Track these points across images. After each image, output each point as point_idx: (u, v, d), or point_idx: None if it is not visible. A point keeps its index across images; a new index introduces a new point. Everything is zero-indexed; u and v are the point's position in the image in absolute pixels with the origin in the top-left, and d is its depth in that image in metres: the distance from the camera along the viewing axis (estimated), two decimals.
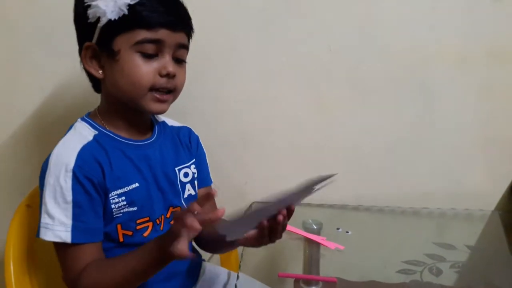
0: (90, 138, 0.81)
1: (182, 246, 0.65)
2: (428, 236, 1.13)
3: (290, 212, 0.75)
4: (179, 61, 0.83)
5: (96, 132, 0.82)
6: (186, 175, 0.91)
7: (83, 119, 0.85)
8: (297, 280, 0.93)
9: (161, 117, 0.96)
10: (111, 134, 0.83)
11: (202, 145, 0.99)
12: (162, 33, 0.78)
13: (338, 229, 1.12)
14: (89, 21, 0.76)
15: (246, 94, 1.18)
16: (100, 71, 0.80)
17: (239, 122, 1.21)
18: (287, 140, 1.22)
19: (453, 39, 1.12)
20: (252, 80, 1.17)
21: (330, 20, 1.12)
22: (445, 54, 1.13)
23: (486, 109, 1.17)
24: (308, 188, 0.73)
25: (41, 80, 1.15)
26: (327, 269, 0.97)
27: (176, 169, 0.90)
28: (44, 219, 0.76)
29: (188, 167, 0.92)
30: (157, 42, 0.78)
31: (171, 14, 0.79)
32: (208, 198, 0.68)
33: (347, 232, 1.11)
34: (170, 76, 0.79)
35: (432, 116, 1.18)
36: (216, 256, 1.14)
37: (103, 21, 0.75)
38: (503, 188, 1.21)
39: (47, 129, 1.16)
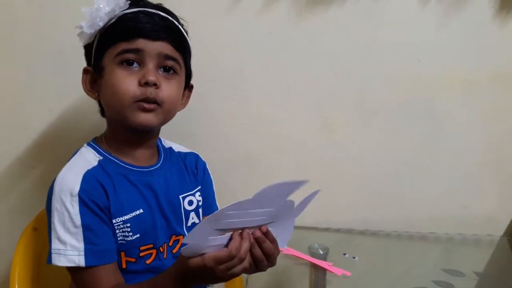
0: (95, 163, 0.81)
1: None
2: (436, 262, 1.11)
3: (267, 236, 0.71)
4: (168, 72, 0.82)
5: (101, 158, 0.82)
6: (190, 203, 0.91)
7: (89, 144, 0.85)
8: None
9: (168, 143, 0.96)
10: (116, 160, 0.83)
11: (209, 171, 0.99)
12: (139, 43, 0.78)
13: (344, 254, 1.11)
14: (83, 45, 0.82)
15: (253, 116, 1.18)
16: (96, 94, 0.82)
17: (245, 144, 1.21)
18: (293, 162, 1.21)
19: (459, 62, 1.12)
20: (258, 102, 1.17)
21: (336, 44, 1.12)
22: (451, 77, 1.13)
23: (493, 132, 1.16)
24: (279, 201, 0.68)
25: (50, 101, 1.16)
26: None
27: (180, 197, 0.89)
28: (56, 245, 0.76)
29: (193, 194, 0.92)
30: (136, 52, 0.78)
31: (148, 23, 0.79)
32: None
33: (354, 257, 1.09)
34: (149, 84, 0.78)
35: (439, 140, 1.17)
36: None
37: (84, 39, 0.80)
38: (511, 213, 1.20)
39: (55, 150, 1.17)
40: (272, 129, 1.19)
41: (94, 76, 0.82)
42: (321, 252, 1.05)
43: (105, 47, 0.79)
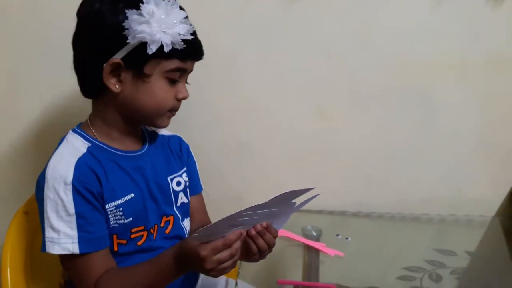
0: (84, 150, 0.81)
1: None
2: (428, 242, 1.12)
3: (270, 231, 0.79)
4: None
5: (89, 144, 0.83)
6: (178, 183, 0.92)
7: (74, 131, 0.85)
8: (296, 287, 0.93)
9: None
10: (104, 146, 0.84)
11: (193, 154, 1.01)
12: (188, 63, 0.83)
13: (337, 235, 1.11)
14: (127, 41, 0.76)
15: (245, 102, 1.18)
16: (117, 86, 0.80)
17: (237, 130, 1.21)
18: (287, 148, 1.22)
19: (453, 46, 1.12)
20: (250, 87, 1.17)
21: (329, 28, 1.12)
22: (444, 61, 1.13)
23: (486, 116, 1.17)
24: (286, 203, 0.75)
25: (40, 89, 1.15)
26: (327, 276, 0.96)
27: (169, 178, 0.91)
28: (49, 233, 0.77)
29: (180, 175, 0.93)
30: (183, 71, 0.83)
31: (199, 47, 0.84)
32: None
33: (347, 238, 1.10)
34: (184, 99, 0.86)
35: (432, 123, 1.18)
36: None
37: (151, 48, 0.76)
38: (503, 194, 1.21)
39: (45, 137, 1.16)
40: (265, 116, 1.19)
41: (120, 69, 0.79)
42: (314, 234, 1.06)
43: (154, 55, 0.77)
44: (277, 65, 1.15)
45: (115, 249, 0.82)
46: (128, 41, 0.76)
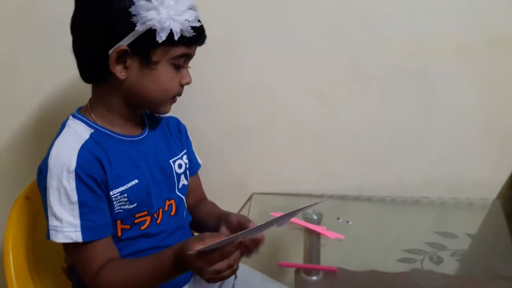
0: (87, 136, 0.80)
1: None
2: (429, 225, 1.12)
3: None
4: None
5: (92, 130, 0.81)
6: (180, 166, 0.92)
7: (75, 117, 0.83)
8: (297, 270, 0.93)
9: None
10: (107, 132, 0.83)
11: (193, 138, 1.01)
12: (193, 48, 0.82)
13: (338, 219, 1.11)
14: (136, 28, 0.74)
15: (245, 84, 1.17)
16: (123, 73, 0.79)
17: (238, 115, 1.20)
18: (287, 130, 1.21)
19: (454, 27, 1.11)
20: (251, 69, 1.16)
21: (329, 8, 1.11)
22: (445, 42, 1.12)
23: (487, 98, 1.16)
24: (290, 217, 0.75)
25: (38, 74, 1.14)
26: (328, 259, 0.97)
27: (171, 161, 0.90)
28: (52, 221, 0.76)
29: (181, 158, 0.93)
30: (188, 56, 0.82)
31: (203, 31, 0.82)
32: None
33: (348, 222, 1.10)
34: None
35: (433, 105, 1.17)
36: None
37: (160, 36, 0.75)
38: (504, 177, 1.21)
39: (44, 122, 1.16)
40: (265, 99, 1.18)
41: (126, 56, 0.77)
42: (315, 217, 1.06)
43: (164, 43, 0.76)
44: (277, 48, 1.14)
45: (119, 234, 0.82)
46: (136, 28, 0.74)
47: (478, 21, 1.10)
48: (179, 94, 0.86)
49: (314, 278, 0.92)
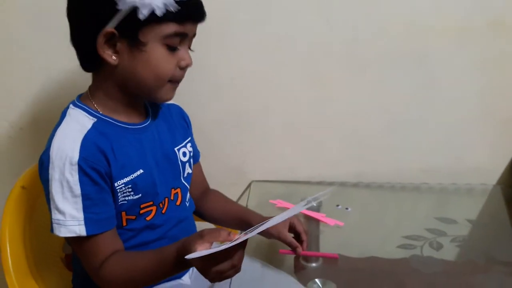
0: (89, 126, 0.77)
1: None
2: (429, 211, 1.12)
3: None
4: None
5: (95, 120, 0.78)
6: (184, 154, 0.90)
7: (75, 105, 0.80)
8: (297, 257, 0.93)
9: None
10: (110, 120, 0.80)
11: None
12: (188, 26, 0.76)
13: (337, 206, 1.11)
14: (117, 7, 0.72)
15: (242, 71, 1.16)
16: (114, 57, 0.76)
17: (234, 100, 1.19)
18: (284, 117, 1.20)
19: (453, 9, 1.09)
20: (247, 56, 1.15)
21: None
22: (444, 25, 1.10)
23: (487, 82, 1.15)
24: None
25: (34, 62, 1.13)
26: (327, 246, 0.97)
27: (176, 149, 0.88)
28: (55, 215, 0.74)
29: (185, 146, 0.91)
30: (183, 35, 0.77)
31: (198, 6, 0.77)
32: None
33: (347, 208, 1.10)
34: (187, 67, 0.80)
35: (431, 91, 1.16)
36: None
37: (142, 13, 0.71)
38: (505, 163, 1.20)
39: (41, 111, 1.15)
40: (262, 85, 1.17)
41: (115, 39, 0.75)
42: (314, 204, 1.05)
43: (148, 20, 0.72)
44: (274, 33, 1.12)
45: (124, 224, 0.81)
46: (119, 8, 0.72)
47: (478, 3, 1.09)
48: (179, 79, 0.80)
49: (314, 264, 0.92)
